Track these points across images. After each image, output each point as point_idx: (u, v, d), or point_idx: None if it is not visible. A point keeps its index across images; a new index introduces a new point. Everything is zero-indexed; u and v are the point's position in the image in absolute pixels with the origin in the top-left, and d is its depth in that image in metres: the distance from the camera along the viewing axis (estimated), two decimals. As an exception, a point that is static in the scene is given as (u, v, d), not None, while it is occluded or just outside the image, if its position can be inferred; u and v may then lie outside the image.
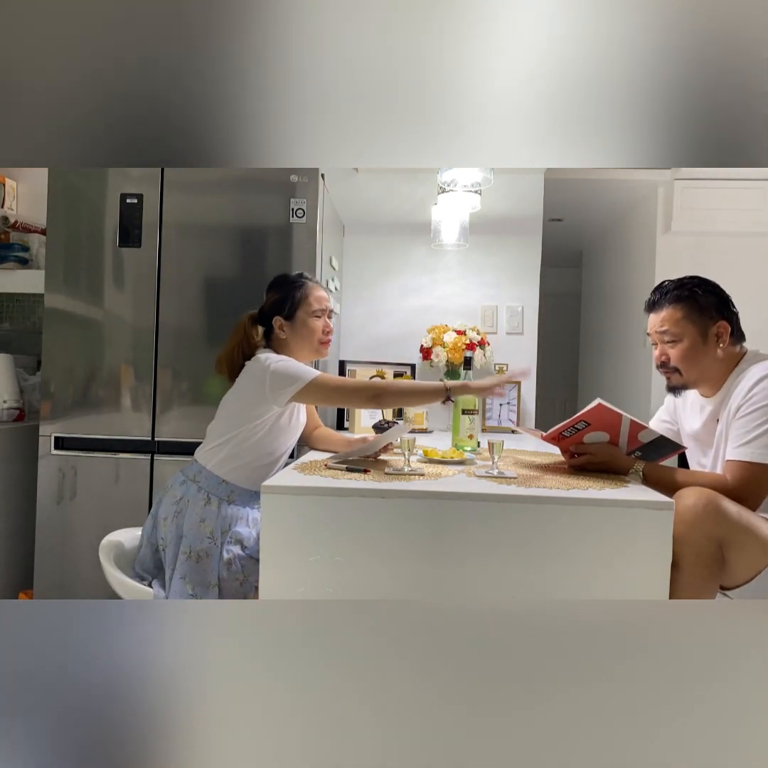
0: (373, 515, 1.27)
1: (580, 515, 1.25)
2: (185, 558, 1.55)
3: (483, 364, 2.71)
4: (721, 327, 1.59)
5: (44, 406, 2.21)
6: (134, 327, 2.20)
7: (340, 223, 2.79)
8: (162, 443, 2.19)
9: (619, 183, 3.18)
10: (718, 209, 3.04)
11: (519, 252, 2.85)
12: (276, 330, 1.76)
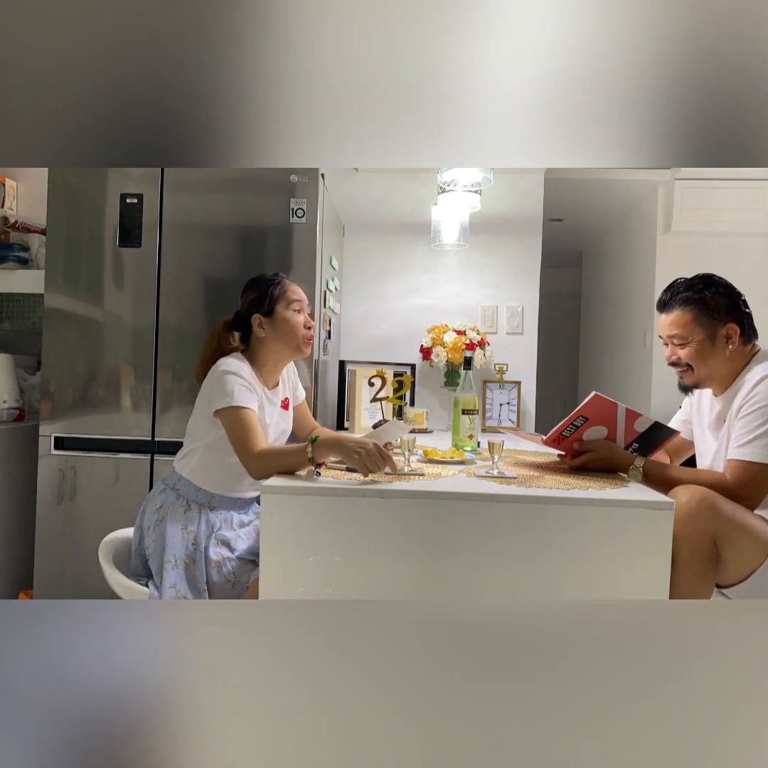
0: (373, 515, 1.27)
1: (580, 515, 1.25)
2: (171, 567, 1.53)
3: (483, 364, 2.71)
4: (731, 329, 1.58)
5: (44, 406, 2.21)
6: (134, 327, 2.20)
7: (340, 223, 2.79)
8: (162, 443, 2.19)
9: (619, 183, 3.18)
10: (718, 209, 3.04)
11: (519, 252, 2.85)
12: (255, 329, 1.68)
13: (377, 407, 2.48)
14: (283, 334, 1.68)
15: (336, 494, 1.29)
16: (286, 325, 1.68)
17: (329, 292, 2.44)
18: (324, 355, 2.37)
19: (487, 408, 2.79)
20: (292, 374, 1.85)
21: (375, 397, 2.48)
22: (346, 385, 2.59)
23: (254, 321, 1.69)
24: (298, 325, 1.68)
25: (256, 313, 1.68)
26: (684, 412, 1.86)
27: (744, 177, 2.98)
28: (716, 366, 1.61)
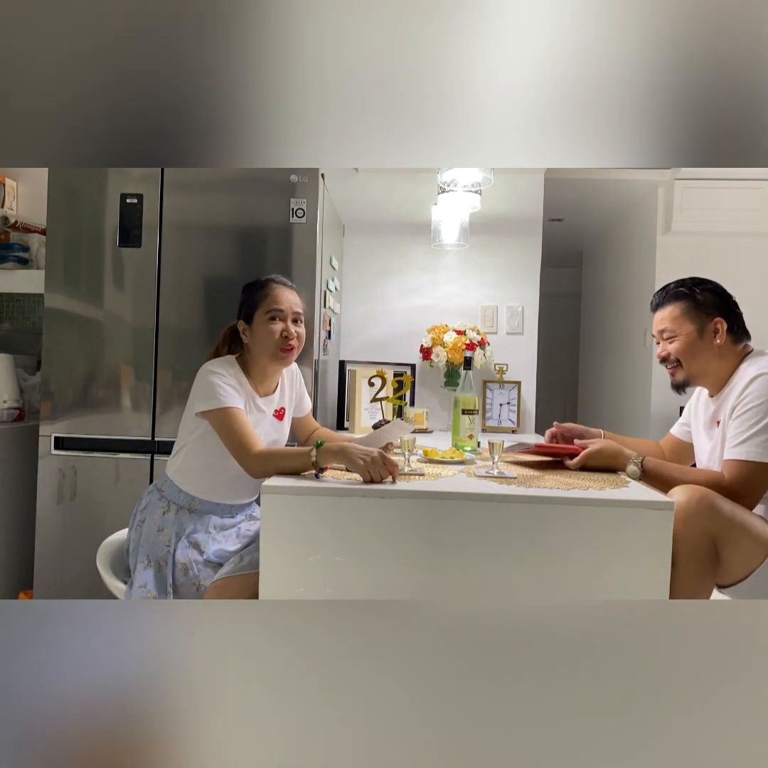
0: (374, 515, 1.27)
1: (580, 515, 1.25)
2: (143, 567, 1.52)
3: (483, 364, 2.71)
4: (718, 323, 1.61)
5: (44, 406, 2.21)
6: (134, 327, 2.20)
7: (340, 223, 2.79)
8: (162, 443, 2.19)
9: (619, 183, 3.18)
10: (718, 209, 3.04)
11: (519, 252, 2.85)
12: (241, 335, 1.68)
13: (377, 407, 2.48)
14: (259, 341, 1.64)
15: (336, 494, 1.29)
16: (260, 332, 1.63)
17: (329, 292, 2.44)
18: (324, 355, 2.37)
19: (487, 408, 2.79)
20: (297, 384, 1.82)
21: (375, 397, 2.48)
22: (346, 385, 2.59)
23: (240, 327, 1.68)
24: (271, 334, 1.62)
25: (240, 318, 1.68)
26: (685, 417, 1.86)
27: (744, 177, 2.98)
28: (705, 361, 1.63)
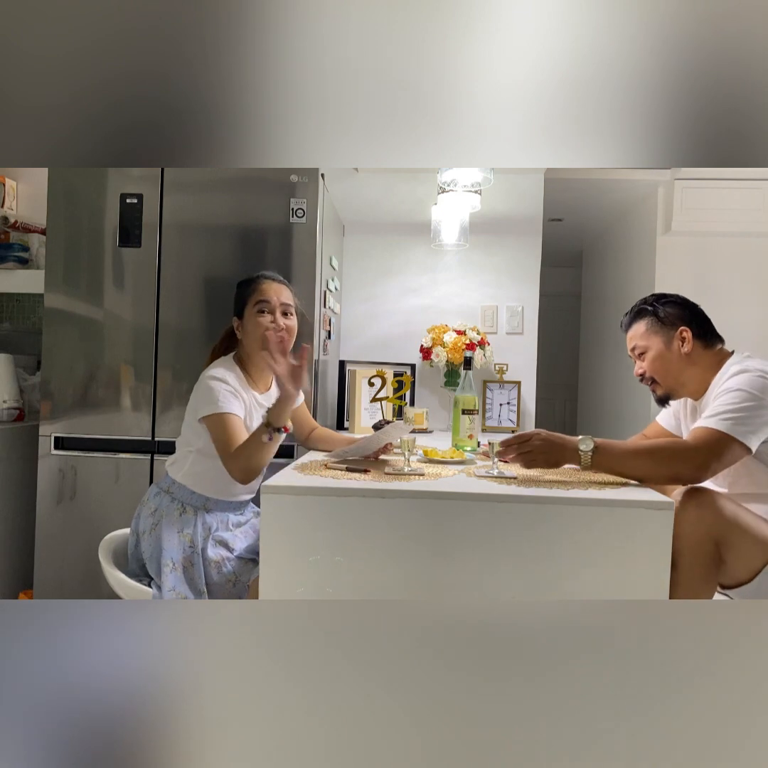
0: (373, 515, 1.27)
1: (580, 515, 1.25)
2: (169, 570, 1.52)
3: (483, 364, 2.71)
4: (683, 332, 1.63)
5: (44, 406, 2.21)
6: (134, 327, 2.20)
7: (340, 223, 2.79)
8: (162, 443, 2.19)
9: (619, 183, 3.18)
10: (718, 209, 3.04)
11: (519, 252, 2.85)
12: (236, 331, 1.70)
13: (377, 407, 2.48)
14: (249, 335, 1.66)
15: (336, 494, 1.29)
16: (249, 326, 1.66)
17: (329, 292, 2.44)
18: (324, 355, 2.37)
19: (487, 408, 2.79)
20: None
21: (375, 397, 2.48)
22: (346, 385, 2.59)
23: (234, 323, 1.71)
24: (258, 326, 1.63)
25: (234, 315, 1.71)
26: (674, 408, 1.85)
27: (744, 177, 2.98)
28: (678, 371, 1.64)
